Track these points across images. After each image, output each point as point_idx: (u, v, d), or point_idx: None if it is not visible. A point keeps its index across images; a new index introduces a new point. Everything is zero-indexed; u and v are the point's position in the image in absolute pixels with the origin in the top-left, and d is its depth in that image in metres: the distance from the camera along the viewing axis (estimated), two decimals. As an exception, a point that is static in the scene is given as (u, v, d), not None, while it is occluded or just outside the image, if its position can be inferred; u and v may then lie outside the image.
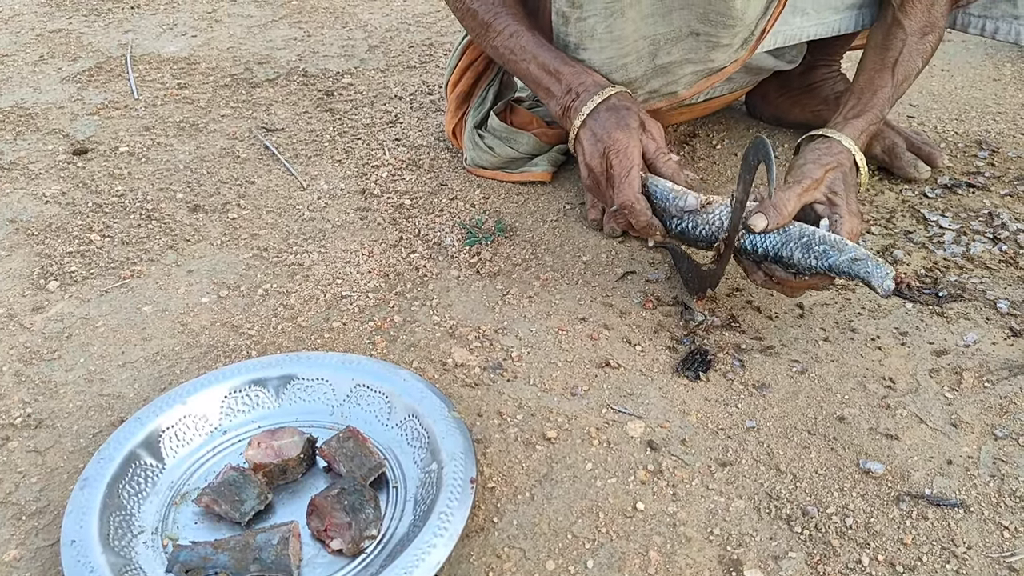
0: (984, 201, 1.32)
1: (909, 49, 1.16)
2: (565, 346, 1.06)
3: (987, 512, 0.83)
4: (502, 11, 1.19)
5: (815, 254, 0.97)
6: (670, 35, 1.11)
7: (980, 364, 1.01)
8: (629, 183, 1.05)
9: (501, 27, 1.18)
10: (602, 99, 1.10)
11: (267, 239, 1.28)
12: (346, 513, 0.79)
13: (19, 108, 1.69)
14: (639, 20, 1.10)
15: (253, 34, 2.07)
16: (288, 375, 0.96)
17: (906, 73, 1.17)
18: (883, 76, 1.16)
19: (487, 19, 1.20)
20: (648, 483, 0.87)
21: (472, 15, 1.22)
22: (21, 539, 0.83)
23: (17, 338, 1.09)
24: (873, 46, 1.21)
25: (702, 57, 1.14)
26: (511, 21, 1.18)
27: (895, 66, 1.16)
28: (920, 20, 1.17)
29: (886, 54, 1.17)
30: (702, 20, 1.09)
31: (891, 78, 1.16)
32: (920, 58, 1.17)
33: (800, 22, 1.25)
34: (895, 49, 1.17)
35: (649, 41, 1.12)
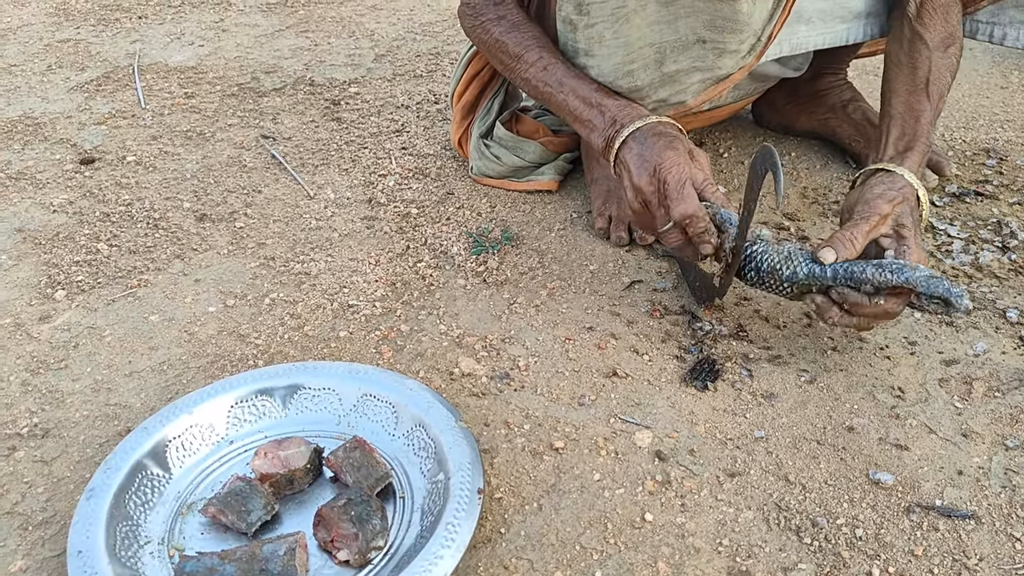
0: (992, 210, 1.31)
1: (936, 65, 1.14)
2: (572, 355, 1.05)
3: (998, 523, 0.82)
4: (533, 44, 1.18)
5: (890, 269, 0.94)
6: (676, 43, 1.11)
7: (990, 374, 1.00)
8: (689, 194, 1.01)
9: (534, 59, 1.17)
10: (647, 123, 1.08)
11: (274, 248, 1.28)
12: (353, 524, 0.79)
13: (27, 118, 1.70)
14: (645, 27, 1.09)
15: (260, 43, 2.07)
16: (295, 385, 0.96)
17: (940, 92, 1.14)
18: (920, 100, 1.14)
19: (518, 51, 1.18)
20: (656, 494, 0.87)
21: (501, 47, 1.21)
22: (27, 549, 0.83)
23: (24, 347, 1.09)
24: (898, 64, 1.18)
25: (709, 64, 1.13)
26: (544, 53, 1.17)
27: (928, 86, 1.14)
28: (939, 31, 1.15)
29: (916, 74, 1.15)
30: (708, 27, 1.09)
31: (928, 100, 1.13)
32: (949, 73, 1.15)
33: (806, 31, 1.24)
34: (923, 68, 1.14)
35: (655, 49, 1.11)
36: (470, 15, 1.25)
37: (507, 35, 1.20)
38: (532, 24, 1.22)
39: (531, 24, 1.22)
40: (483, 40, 1.24)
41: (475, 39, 1.26)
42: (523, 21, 1.22)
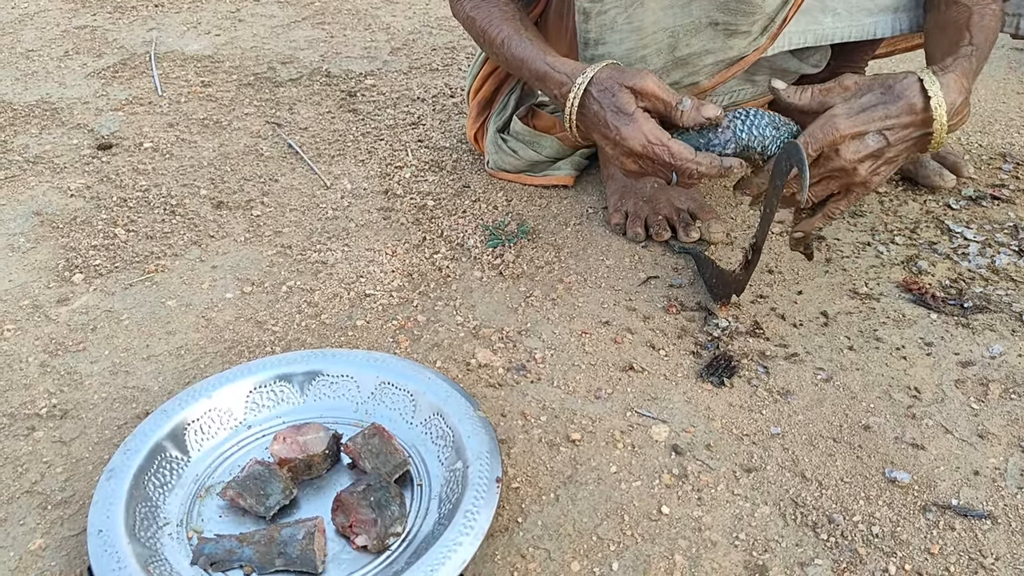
0: (1009, 214, 1.32)
1: (977, 12, 1.08)
2: (588, 349, 1.05)
3: (1015, 524, 0.82)
4: (495, 17, 1.16)
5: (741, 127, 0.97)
6: (689, 26, 1.10)
7: (1006, 376, 1.00)
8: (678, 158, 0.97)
9: (495, 34, 1.16)
10: (583, 88, 1.02)
11: (291, 237, 1.29)
12: (372, 509, 0.79)
13: (44, 103, 1.71)
14: (659, 11, 1.09)
15: (276, 34, 2.08)
16: (313, 371, 0.96)
17: (982, 29, 1.07)
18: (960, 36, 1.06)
19: (483, 27, 1.17)
20: (673, 487, 0.87)
21: (472, 23, 1.20)
22: (47, 528, 0.84)
23: (42, 329, 1.10)
24: (934, 32, 1.14)
25: (720, 46, 1.12)
26: (504, 26, 1.15)
27: (969, 25, 1.07)
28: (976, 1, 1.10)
29: (954, 24, 1.09)
30: (721, 9, 1.08)
31: (968, 33, 1.06)
32: (992, 19, 1.08)
33: (831, 22, 1.23)
34: (963, 17, 1.08)
35: (668, 33, 1.11)
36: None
37: (476, 10, 1.19)
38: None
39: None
40: (460, 18, 1.23)
41: (457, 18, 1.25)
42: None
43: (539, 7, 1.32)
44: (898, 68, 1.85)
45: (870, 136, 0.96)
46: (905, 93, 0.96)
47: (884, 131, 0.96)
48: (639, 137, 0.98)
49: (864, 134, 0.96)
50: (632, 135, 0.98)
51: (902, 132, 0.97)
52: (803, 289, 1.15)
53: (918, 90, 0.96)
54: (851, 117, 0.96)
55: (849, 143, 0.96)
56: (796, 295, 1.14)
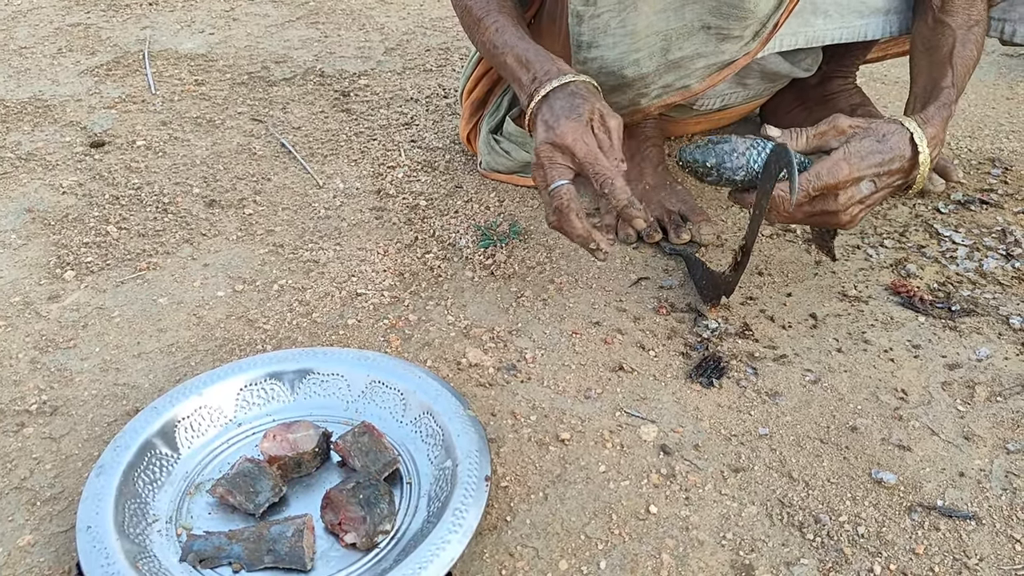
0: (997, 218, 1.33)
1: (960, 40, 1.13)
2: (579, 349, 1.06)
3: (999, 525, 0.83)
4: (494, 8, 1.18)
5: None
6: (682, 30, 1.11)
7: (992, 378, 1.01)
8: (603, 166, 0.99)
9: (490, 23, 1.16)
10: (560, 84, 1.05)
11: (283, 235, 1.29)
12: (361, 507, 0.79)
13: (37, 100, 1.70)
14: (652, 15, 1.10)
15: (270, 33, 2.08)
16: (304, 369, 0.97)
17: (963, 62, 1.12)
18: (942, 70, 1.12)
19: (479, 15, 1.18)
20: (661, 487, 0.87)
21: (467, 11, 1.20)
22: (35, 524, 0.84)
23: (33, 326, 1.10)
24: (920, 50, 1.18)
25: (712, 49, 1.13)
26: (500, 17, 1.16)
27: (951, 58, 1.12)
28: (963, 16, 1.15)
29: (939, 51, 1.14)
30: (714, 13, 1.09)
31: (950, 69, 1.11)
32: (973, 46, 1.14)
33: (823, 24, 1.24)
34: (947, 45, 1.13)
35: (661, 36, 1.12)
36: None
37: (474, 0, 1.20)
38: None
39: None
40: (457, 8, 1.24)
41: (455, 9, 1.26)
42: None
43: (532, 10, 1.33)
44: (889, 73, 1.86)
45: (864, 182, 1.01)
46: (898, 145, 1.01)
47: (875, 178, 1.01)
48: (576, 129, 1.00)
49: (860, 180, 1.00)
50: (571, 126, 1.00)
51: (889, 179, 1.02)
52: (792, 291, 1.16)
53: (908, 142, 1.02)
54: (852, 162, 0.99)
55: (848, 188, 1.00)
56: (785, 297, 1.15)
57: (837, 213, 1.02)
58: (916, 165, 1.03)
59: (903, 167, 1.02)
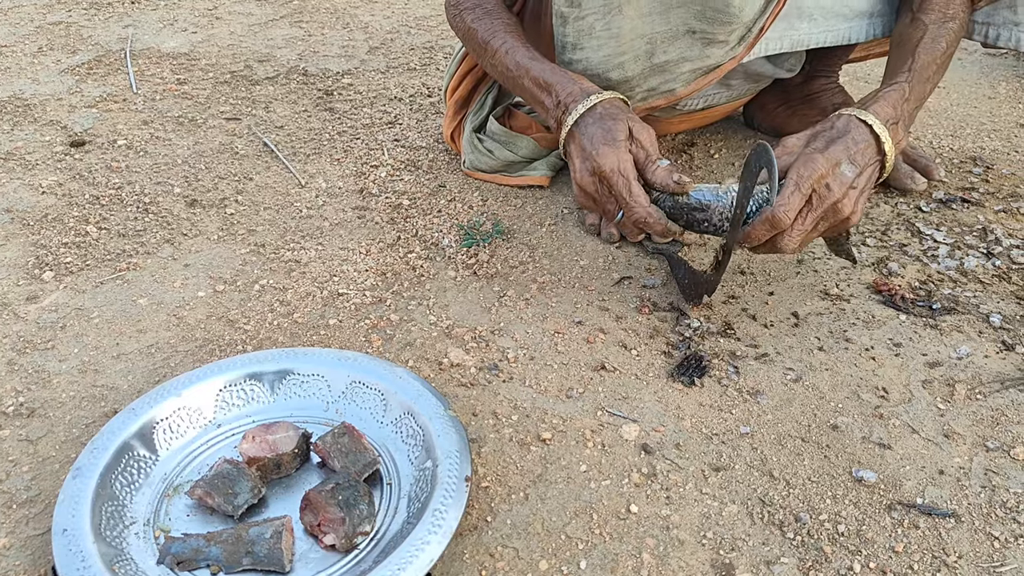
0: (978, 216, 1.33)
1: (930, 34, 1.12)
2: (561, 349, 1.06)
3: (978, 522, 0.83)
4: (500, 29, 1.19)
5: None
6: (667, 34, 1.11)
7: (972, 376, 1.02)
8: (635, 198, 1.02)
9: (498, 45, 1.17)
10: (587, 107, 1.06)
11: (264, 235, 1.28)
12: (340, 508, 0.79)
13: (17, 99, 1.69)
14: (637, 18, 1.10)
15: (254, 32, 2.07)
16: (284, 370, 0.96)
17: (929, 52, 1.11)
18: (904, 60, 1.11)
19: (486, 38, 1.19)
20: (642, 486, 0.87)
21: (472, 35, 1.22)
22: (11, 527, 0.83)
23: (11, 327, 1.09)
24: (894, 45, 1.19)
25: (698, 54, 1.13)
26: (508, 38, 1.17)
27: (916, 48, 1.11)
28: (938, 13, 1.15)
29: (908, 44, 1.14)
30: (699, 18, 1.09)
31: (912, 59, 1.10)
32: (944, 40, 1.13)
33: (808, 28, 1.24)
34: (916, 38, 1.13)
35: (646, 40, 1.12)
36: (452, 5, 1.27)
37: (478, 22, 1.21)
38: (506, 12, 1.23)
39: (505, 12, 1.23)
40: (459, 29, 1.25)
41: (455, 30, 1.27)
42: (496, 10, 1.23)
43: (515, 7, 1.33)
44: (872, 72, 1.87)
45: (844, 165, 0.99)
46: (850, 127, 1.01)
47: (852, 159, 0.99)
48: (613, 161, 1.02)
49: (839, 163, 0.99)
50: (608, 157, 1.02)
51: (864, 157, 1.01)
52: (774, 290, 1.16)
53: (858, 122, 1.01)
54: (823, 152, 0.98)
55: (833, 174, 0.98)
56: (767, 296, 1.15)
57: (837, 205, 0.99)
58: (881, 142, 1.01)
59: (869, 144, 1.01)
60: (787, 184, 0.97)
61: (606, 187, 1.03)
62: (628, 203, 1.02)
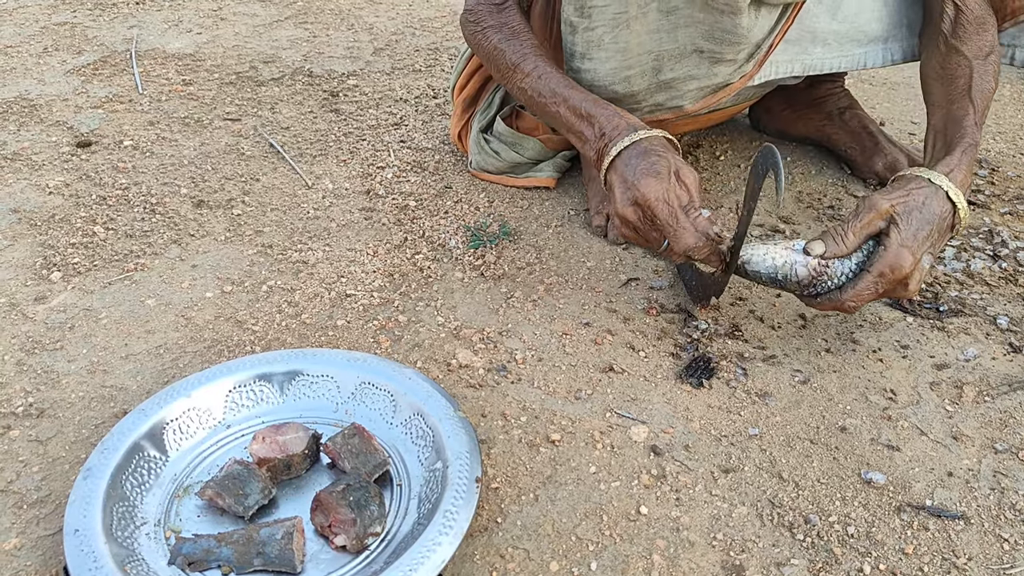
0: (984, 219, 1.33)
1: (978, 71, 1.11)
2: (569, 350, 1.06)
3: (987, 524, 0.84)
4: (530, 52, 1.17)
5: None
6: (674, 51, 1.11)
7: (980, 379, 1.02)
8: (682, 225, 0.99)
9: (530, 68, 1.16)
10: (634, 141, 1.05)
11: (271, 236, 1.28)
12: (351, 509, 0.79)
13: (23, 99, 1.69)
14: (644, 34, 1.10)
15: (259, 33, 2.07)
16: (293, 371, 0.96)
17: (983, 95, 1.11)
18: (962, 105, 1.10)
19: (515, 60, 1.18)
20: (652, 487, 0.87)
21: (499, 55, 1.20)
22: (22, 528, 0.83)
23: (19, 327, 1.09)
24: (936, 79, 1.16)
25: (705, 72, 1.13)
26: (539, 63, 1.16)
27: (970, 91, 1.10)
28: (976, 43, 1.13)
29: (956, 83, 1.12)
30: (707, 37, 1.09)
31: (970, 103, 1.10)
32: (991, 77, 1.12)
33: (821, 52, 1.23)
34: (963, 76, 1.11)
35: (653, 56, 1.12)
36: (471, 22, 1.25)
37: (506, 43, 1.20)
38: (530, 32, 1.22)
39: (530, 33, 1.21)
40: (482, 47, 1.23)
41: (475, 46, 1.26)
42: (523, 30, 1.21)
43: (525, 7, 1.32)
44: (876, 75, 1.87)
45: (925, 258, 0.99)
46: (940, 208, 1.00)
47: (932, 249, 1.00)
48: (658, 191, 1.00)
49: (922, 259, 0.99)
50: (653, 187, 1.00)
51: (942, 242, 1.02)
52: (781, 292, 1.16)
53: (945, 200, 1.00)
54: (910, 248, 0.97)
55: (915, 270, 0.98)
56: (775, 298, 1.15)
57: (906, 291, 1.00)
58: (958, 218, 1.02)
59: (947, 224, 1.01)
60: (867, 277, 0.97)
61: (649, 216, 1.01)
62: (676, 230, 0.99)
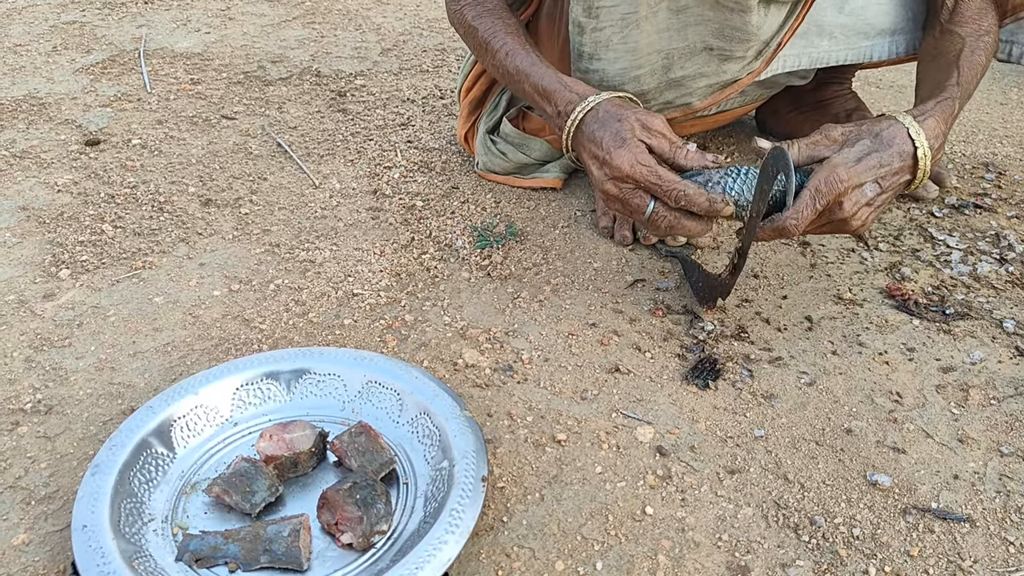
0: (991, 222, 1.33)
1: (970, 47, 1.10)
2: (575, 350, 1.06)
3: (993, 527, 0.84)
4: (500, 29, 1.17)
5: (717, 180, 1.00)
6: (684, 50, 1.11)
7: (986, 382, 1.02)
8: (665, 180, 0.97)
9: (498, 46, 1.16)
10: (585, 110, 1.04)
11: (279, 235, 1.29)
12: (358, 507, 0.79)
13: (32, 98, 1.70)
14: (654, 33, 1.10)
15: (267, 33, 2.08)
16: (300, 369, 0.96)
17: (971, 66, 1.08)
18: (948, 72, 1.08)
19: (486, 38, 1.17)
20: (657, 488, 0.88)
21: (472, 33, 1.20)
22: (30, 524, 0.83)
23: (28, 324, 1.09)
24: (927, 60, 1.16)
25: (714, 69, 1.13)
26: (507, 39, 1.16)
27: (958, 60, 1.08)
28: (972, 26, 1.13)
29: (944, 56, 1.11)
30: (717, 35, 1.09)
31: (956, 70, 1.07)
32: (982, 53, 1.10)
33: (828, 45, 1.23)
34: (953, 50, 1.10)
35: (663, 55, 1.12)
36: (452, 1, 1.24)
37: (478, 20, 1.19)
38: (506, 11, 1.21)
39: (505, 11, 1.20)
40: (460, 24, 1.23)
41: (455, 25, 1.25)
42: (498, 8, 1.21)
43: (530, 9, 1.33)
44: (884, 77, 1.87)
45: (868, 185, 0.97)
46: (895, 141, 0.98)
47: (879, 179, 0.98)
48: (629, 158, 0.99)
49: (863, 184, 0.97)
50: (623, 156, 0.99)
51: (893, 179, 0.99)
52: (788, 294, 1.17)
53: (906, 137, 0.98)
54: (849, 168, 0.96)
55: (851, 193, 0.97)
56: (781, 300, 1.15)
57: (846, 220, 0.99)
58: (917, 160, 0.99)
59: (905, 164, 0.99)
60: (804, 195, 0.96)
61: (630, 184, 1.00)
62: (661, 187, 0.98)
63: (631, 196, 1.01)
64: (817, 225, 1.00)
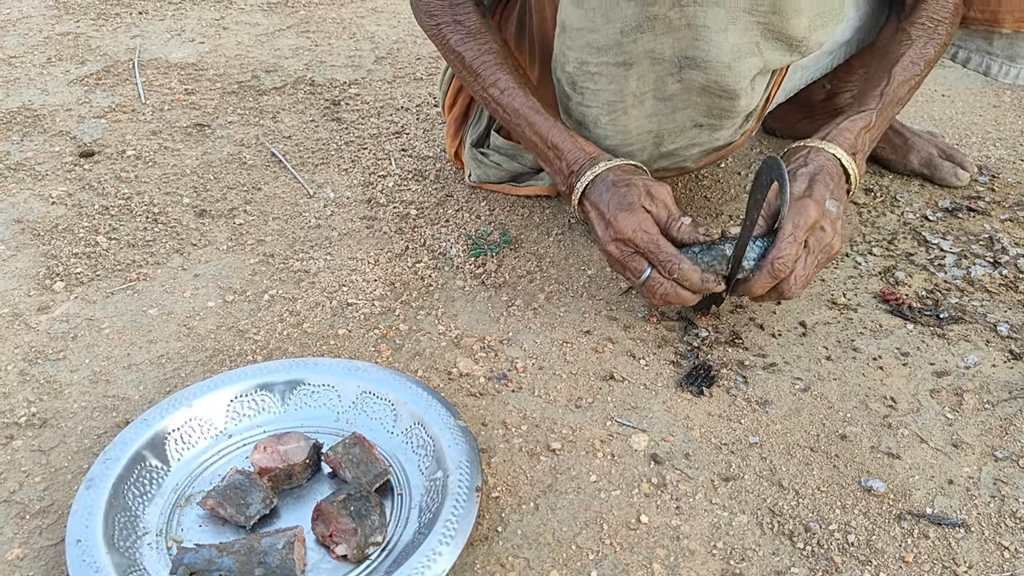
0: (984, 225, 1.33)
1: (918, 49, 1.15)
2: (570, 358, 1.06)
3: (988, 532, 0.84)
4: (491, 60, 1.15)
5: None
6: (674, 129, 1.12)
7: (980, 386, 1.02)
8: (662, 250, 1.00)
9: (491, 80, 1.14)
10: (595, 175, 1.06)
11: (273, 245, 1.29)
12: (352, 519, 0.79)
13: (26, 109, 1.70)
14: (643, 119, 1.10)
15: (261, 42, 2.08)
16: (294, 380, 0.96)
17: (906, 72, 1.13)
18: (878, 81, 1.13)
19: (475, 67, 1.15)
20: (652, 496, 0.88)
21: (458, 58, 1.17)
22: (24, 538, 0.83)
23: (22, 337, 1.09)
24: (876, 55, 1.21)
25: (707, 139, 1.15)
26: (502, 75, 1.14)
27: (893, 69, 1.13)
28: (925, 23, 1.17)
29: (886, 59, 1.16)
30: (706, 115, 1.10)
31: (887, 81, 1.13)
32: (922, 61, 1.15)
33: (800, 76, 1.29)
34: (895, 54, 1.15)
35: (653, 135, 1.12)
36: (424, 13, 1.20)
37: (463, 45, 1.16)
38: (490, 33, 1.18)
39: (489, 34, 1.18)
40: (440, 43, 1.20)
41: (431, 38, 1.22)
42: (480, 29, 1.17)
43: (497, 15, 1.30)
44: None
45: (829, 202, 1.02)
46: (819, 159, 1.05)
47: (833, 193, 1.02)
48: (633, 222, 1.01)
49: (825, 203, 1.01)
50: (627, 220, 1.01)
51: (839, 190, 1.04)
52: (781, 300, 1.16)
53: (825, 152, 1.05)
54: (812, 196, 1.00)
55: (824, 215, 1.00)
56: (775, 306, 1.16)
57: (830, 243, 1.01)
58: (848, 173, 1.06)
59: (838, 172, 1.05)
60: (783, 233, 0.98)
61: (631, 248, 1.02)
62: (658, 256, 1.00)
63: (630, 259, 1.03)
64: (812, 265, 1.01)
